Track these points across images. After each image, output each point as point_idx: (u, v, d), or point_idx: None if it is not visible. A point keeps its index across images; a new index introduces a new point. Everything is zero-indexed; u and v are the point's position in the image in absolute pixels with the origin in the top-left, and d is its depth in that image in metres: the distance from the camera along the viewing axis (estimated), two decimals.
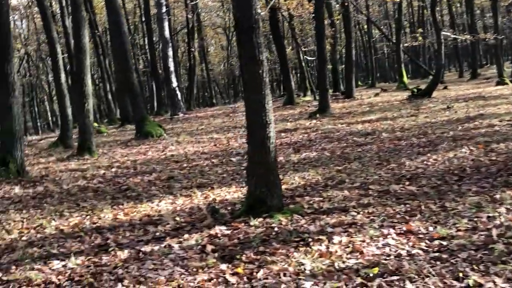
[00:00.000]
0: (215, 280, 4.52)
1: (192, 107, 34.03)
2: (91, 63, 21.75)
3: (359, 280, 4.23)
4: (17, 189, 9.66)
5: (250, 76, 5.92)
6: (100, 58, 30.77)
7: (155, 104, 33.68)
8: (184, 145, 14.32)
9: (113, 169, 11.26)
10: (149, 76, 41.37)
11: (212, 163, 11.00)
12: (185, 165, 11.08)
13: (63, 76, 16.76)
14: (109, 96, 31.08)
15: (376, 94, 25.04)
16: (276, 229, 5.69)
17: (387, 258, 4.66)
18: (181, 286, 4.48)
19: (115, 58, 24.90)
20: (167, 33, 28.85)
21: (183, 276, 4.71)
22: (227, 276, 4.57)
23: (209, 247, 5.42)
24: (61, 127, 17.23)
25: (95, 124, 25.82)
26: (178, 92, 28.56)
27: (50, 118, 51.61)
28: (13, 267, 5.49)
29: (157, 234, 6.18)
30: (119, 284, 4.68)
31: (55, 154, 15.14)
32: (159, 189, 8.84)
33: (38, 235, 6.76)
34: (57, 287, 4.82)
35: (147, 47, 38.61)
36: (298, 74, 42.83)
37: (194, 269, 4.86)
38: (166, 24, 28.88)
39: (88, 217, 7.45)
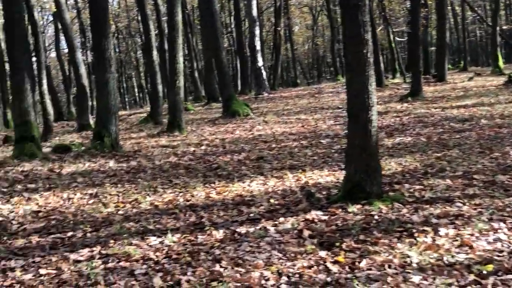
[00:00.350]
0: (315, 267, 4.36)
1: (275, 87, 33.87)
2: None
3: (471, 277, 3.94)
4: (111, 163, 9.89)
5: (353, 56, 5.66)
6: (188, 36, 31.14)
7: (239, 83, 33.78)
8: (271, 125, 14.21)
9: (203, 147, 11.31)
10: (234, 55, 41.51)
11: (301, 145, 10.82)
12: (273, 145, 10.96)
13: (155, 53, 17.05)
14: (195, 74, 31.45)
15: (470, 78, 23.85)
16: (376, 217, 5.44)
17: (500, 254, 4.34)
18: (280, 271, 4.35)
19: (204, 36, 25.16)
20: (254, 12, 28.73)
21: (281, 261, 4.58)
22: (328, 264, 4.39)
23: (306, 232, 5.26)
24: (151, 104, 17.59)
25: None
26: (263, 72, 28.49)
27: (137, 94, 53.12)
28: (111, 241, 5.57)
29: (251, 215, 6.09)
30: (217, 265, 4.62)
31: (145, 130, 15.47)
32: (249, 169, 8.77)
33: (134, 210, 6.85)
34: (156, 264, 4.81)
35: (232, 25, 38.73)
36: (386, 56, 41.65)
37: (292, 254, 4.73)
38: (254, 2, 28.77)
39: (181, 194, 7.48)
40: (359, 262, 4.36)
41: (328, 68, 59.83)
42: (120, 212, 6.83)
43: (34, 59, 16.64)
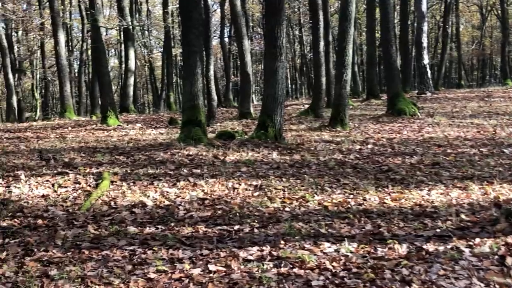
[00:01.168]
0: None
1: (438, 87, 31.94)
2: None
3: None
4: (274, 155, 9.55)
5: None
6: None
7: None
8: (442, 128, 13.08)
9: (369, 146, 10.59)
10: (395, 51, 39.86)
11: (480, 153, 9.69)
12: (449, 150, 9.94)
13: (321, 44, 16.58)
14: (355, 68, 30.60)
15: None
16: None
17: None
18: None
19: (369, 29, 24.27)
20: (424, 6, 27.21)
21: None
22: None
23: (510, 260, 4.42)
24: (313, 96, 17.14)
25: None
26: (428, 70, 26.94)
27: (289, 86, 53.37)
28: (282, 241, 5.13)
29: (438, 230, 5.33)
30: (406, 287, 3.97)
31: (305, 123, 15.06)
32: (425, 175, 7.93)
33: (302, 209, 6.38)
34: (333, 276, 4.28)
35: (395, 20, 37.15)
36: None
37: (497, 286, 3.94)
38: None
39: (352, 196, 6.89)
40: None
41: (494, 71, 55.83)
42: (287, 209, 6.41)
43: None
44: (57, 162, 9.21)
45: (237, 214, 6.21)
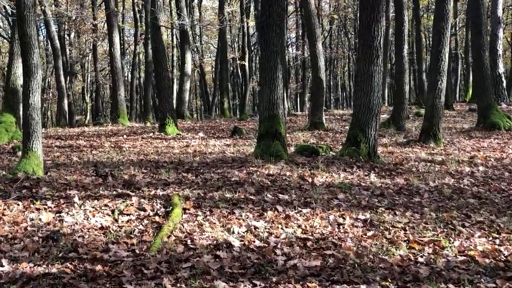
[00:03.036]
0: None
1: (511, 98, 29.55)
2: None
3: None
4: (372, 177, 7.94)
5: None
6: (420, 34, 28.40)
7: (470, 90, 30.11)
8: None
9: (480, 168, 8.86)
10: (462, 58, 37.63)
11: None
12: None
13: (405, 48, 14.89)
14: (423, 76, 28.58)
15: None
16: None
17: None
18: None
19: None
20: (499, 11, 25.14)
21: None
22: None
23: None
24: (394, 106, 15.42)
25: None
26: (503, 79, 24.87)
27: (340, 93, 51.38)
28: None
29: None
30: None
31: (387, 136, 13.37)
32: None
33: (441, 260, 4.75)
34: None
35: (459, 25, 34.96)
36: None
37: None
38: (500, 1, 25.14)
39: (498, 241, 5.24)
40: None
41: None
42: (419, 259, 4.80)
43: None
44: (115, 179, 7.84)
45: (356, 265, 4.63)
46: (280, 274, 4.48)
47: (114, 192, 7.00)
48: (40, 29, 30.58)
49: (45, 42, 34.68)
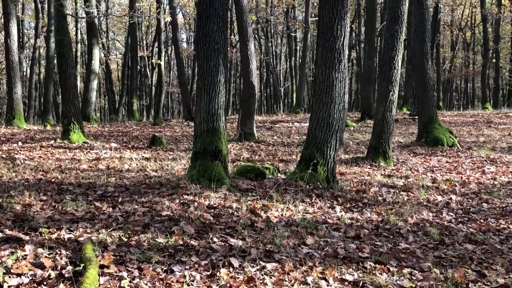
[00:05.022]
0: None
1: None
2: None
3: None
4: (338, 210, 6.40)
5: None
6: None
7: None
8: (503, 166, 10.26)
9: (453, 197, 7.59)
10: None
11: None
12: None
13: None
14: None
15: None
16: None
17: None
18: None
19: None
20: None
21: None
22: None
23: None
24: None
25: None
26: None
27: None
28: None
29: None
30: None
31: None
32: None
33: None
34: None
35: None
36: None
37: None
38: None
39: None
40: None
41: (457, 94, 54.12)
42: None
43: None
44: (3, 212, 5.79)
45: None
46: None
47: (0, 235, 5.00)
48: None
49: None
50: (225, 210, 6.11)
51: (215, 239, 5.18)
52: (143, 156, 10.55)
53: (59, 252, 4.64)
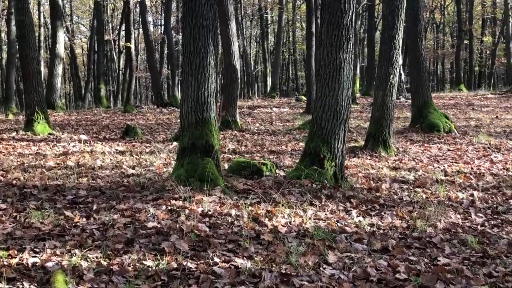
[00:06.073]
0: None
1: None
2: None
3: None
4: (354, 215, 5.46)
5: None
6: None
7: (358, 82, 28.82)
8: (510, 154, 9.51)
9: (474, 193, 6.72)
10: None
11: None
12: None
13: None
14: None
15: None
16: None
17: None
18: None
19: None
20: None
21: None
22: None
23: None
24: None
25: None
26: (402, 72, 23.89)
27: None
28: None
29: None
30: None
31: None
32: None
33: None
34: None
35: None
36: None
37: None
38: None
39: None
40: None
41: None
42: None
43: None
44: None
45: None
46: None
47: None
48: None
49: None
50: (222, 219, 5.12)
51: (216, 259, 4.19)
52: (116, 149, 9.45)
53: (20, 286, 3.59)
